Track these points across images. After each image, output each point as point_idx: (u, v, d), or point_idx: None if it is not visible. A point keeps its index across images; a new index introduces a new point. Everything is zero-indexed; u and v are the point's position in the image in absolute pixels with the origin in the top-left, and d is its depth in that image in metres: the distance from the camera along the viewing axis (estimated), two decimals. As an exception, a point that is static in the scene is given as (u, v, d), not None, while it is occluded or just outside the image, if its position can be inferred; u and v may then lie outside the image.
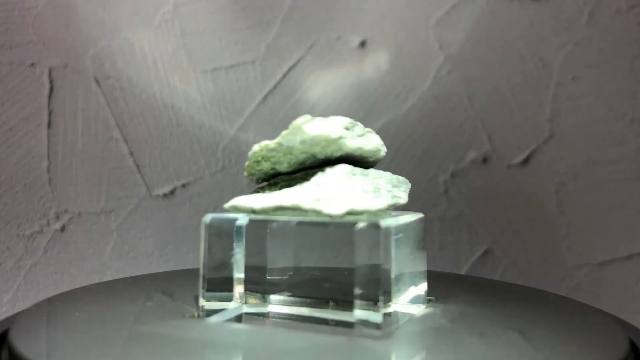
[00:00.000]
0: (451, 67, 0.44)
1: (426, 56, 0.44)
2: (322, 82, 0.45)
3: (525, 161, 0.44)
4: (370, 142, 0.29)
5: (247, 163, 0.29)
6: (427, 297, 0.30)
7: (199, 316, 0.27)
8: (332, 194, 0.25)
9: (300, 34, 0.44)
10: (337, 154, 0.28)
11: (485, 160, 0.44)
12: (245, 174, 0.30)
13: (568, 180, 0.44)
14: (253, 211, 0.26)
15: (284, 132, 0.27)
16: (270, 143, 0.28)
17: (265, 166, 0.29)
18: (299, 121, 0.27)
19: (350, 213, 0.24)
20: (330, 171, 0.27)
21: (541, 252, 0.44)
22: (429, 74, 0.44)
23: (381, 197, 0.26)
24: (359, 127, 0.29)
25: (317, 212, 0.25)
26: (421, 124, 0.44)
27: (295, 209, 0.25)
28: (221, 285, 0.27)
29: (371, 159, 0.30)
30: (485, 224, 0.44)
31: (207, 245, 0.27)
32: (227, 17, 0.45)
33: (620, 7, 0.43)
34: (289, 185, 0.28)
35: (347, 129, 0.28)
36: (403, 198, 0.27)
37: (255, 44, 0.45)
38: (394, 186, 0.28)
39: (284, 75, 0.45)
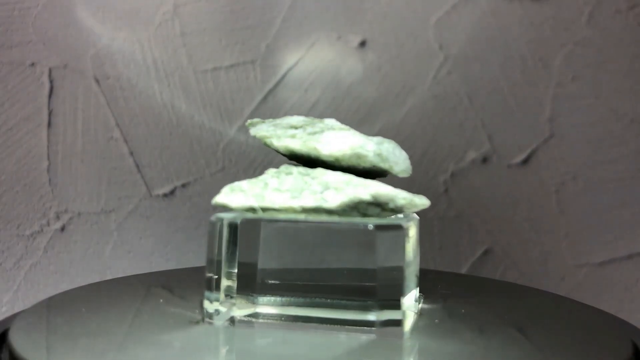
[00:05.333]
0: (451, 67, 0.44)
1: (426, 56, 0.44)
2: (322, 82, 0.45)
3: (525, 161, 0.44)
4: (305, 142, 0.27)
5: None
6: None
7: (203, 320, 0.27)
8: (235, 187, 0.27)
9: (300, 34, 0.44)
10: (284, 151, 0.29)
11: (485, 160, 0.44)
12: None
13: (568, 180, 0.44)
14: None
15: None
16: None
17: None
18: (247, 122, 0.30)
19: (223, 206, 0.27)
20: (270, 169, 0.28)
21: (541, 252, 0.44)
22: (429, 74, 0.44)
23: (290, 196, 0.26)
24: (317, 126, 0.28)
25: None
26: (421, 124, 0.44)
27: None
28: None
29: (328, 160, 0.27)
30: (485, 224, 0.44)
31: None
32: (227, 17, 0.45)
33: (620, 7, 0.43)
34: None
35: (295, 127, 0.28)
36: (329, 202, 0.26)
37: (255, 44, 0.45)
38: (328, 189, 0.26)
39: (284, 75, 0.45)
